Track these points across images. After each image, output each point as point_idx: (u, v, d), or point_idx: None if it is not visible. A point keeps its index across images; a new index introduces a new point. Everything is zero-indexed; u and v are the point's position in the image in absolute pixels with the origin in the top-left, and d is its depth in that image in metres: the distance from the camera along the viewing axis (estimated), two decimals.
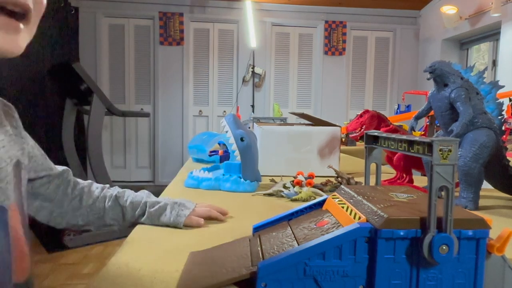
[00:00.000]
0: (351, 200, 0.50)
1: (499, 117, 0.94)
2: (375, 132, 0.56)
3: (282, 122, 2.62)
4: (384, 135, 0.53)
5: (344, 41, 5.10)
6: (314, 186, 1.03)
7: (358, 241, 0.41)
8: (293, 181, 1.03)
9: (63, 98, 3.70)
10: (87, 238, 2.96)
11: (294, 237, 0.49)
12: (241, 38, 4.96)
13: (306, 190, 0.98)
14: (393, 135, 0.50)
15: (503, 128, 0.94)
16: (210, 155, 1.64)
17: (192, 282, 0.47)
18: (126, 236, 0.68)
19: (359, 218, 0.44)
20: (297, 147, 1.36)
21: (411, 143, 0.45)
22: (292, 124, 1.71)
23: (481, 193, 0.91)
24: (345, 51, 5.12)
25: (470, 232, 0.41)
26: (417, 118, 1.02)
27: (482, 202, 0.92)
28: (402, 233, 0.40)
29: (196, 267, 0.52)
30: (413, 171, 1.18)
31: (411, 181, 1.17)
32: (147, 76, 4.93)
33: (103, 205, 0.77)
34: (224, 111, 5.04)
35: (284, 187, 1.04)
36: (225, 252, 0.55)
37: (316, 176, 1.13)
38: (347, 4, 4.97)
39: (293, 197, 0.97)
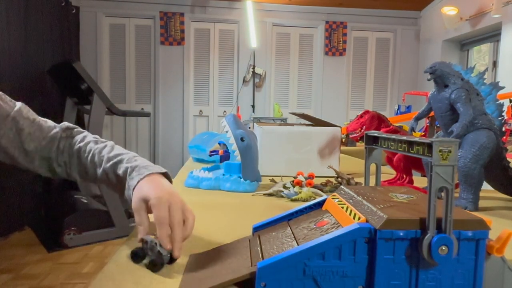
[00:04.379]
0: (351, 201, 0.50)
1: (499, 118, 0.94)
2: (375, 133, 0.56)
3: (282, 122, 2.62)
4: (384, 135, 0.53)
5: (344, 42, 5.10)
6: (314, 186, 1.03)
7: (357, 242, 0.41)
8: (293, 181, 1.04)
9: (63, 97, 3.70)
10: (87, 238, 2.96)
11: (294, 237, 0.49)
12: (242, 38, 4.96)
13: (306, 190, 0.98)
14: (393, 136, 0.50)
15: (503, 129, 0.94)
16: (210, 155, 1.64)
17: (194, 284, 0.47)
18: (126, 236, 0.68)
19: (359, 218, 0.44)
20: (297, 147, 1.36)
21: (411, 143, 0.45)
22: (292, 124, 1.71)
23: (481, 194, 0.91)
24: (346, 52, 5.12)
25: (469, 233, 0.41)
26: (417, 119, 1.02)
27: (482, 203, 0.92)
28: (401, 234, 0.40)
29: (197, 268, 0.52)
30: (413, 171, 1.18)
31: (411, 181, 1.17)
32: (147, 76, 4.93)
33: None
34: (225, 111, 5.04)
35: (284, 187, 1.04)
36: (225, 253, 0.55)
37: (316, 176, 1.13)
38: (348, 5, 4.97)
39: (293, 197, 0.97)
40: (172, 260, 0.53)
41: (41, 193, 3.53)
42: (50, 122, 0.80)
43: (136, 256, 0.53)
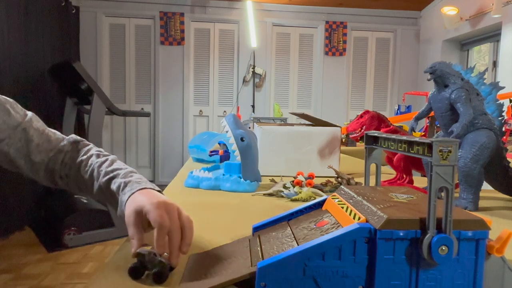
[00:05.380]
0: (351, 201, 0.50)
1: (499, 118, 0.94)
2: (375, 133, 0.56)
3: (282, 122, 2.62)
4: (384, 135, 0.53)
5: (344, 42, 5.10)
6: (314, 186, 1.03)
7: (357, 242, 0.41)
8: (293, 181, 1.03)
9: (63, 97, 3.70)
10: (87, 238, 2.96)
11: (294, 237, 0.49)
12: (242, 38, 4.96)
13: (306, 190, 0.98)
14: (393, 136, 0.50)
15: (503, 129, 0.94)
16: (210, 155, 1.64)
17: (194, 284, 0.47)
18: (126, 236, 0.68)
19: (359, 218, 0.44)
20: (297, 147, 1.36)
21: (411, 143, 0.45)
22: (292, 124, 1.70)
23: (481, 194, 0.91)
24: (346, 52, 5.12)
25: (469, 233, 0.41)
26: (418, 119, 1.02)
27: (482, 203, 0.92)
28: (401, 234, 0.40)
29: (197, 268, 0.52)
30: (413, 171, 1.18)
31: (411, 181, 1.17)
32: (147, 76, 4.93)
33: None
34: (225, 111, 5.04)
35: (284, 187, 1.04)
36: (225, 253, 0.55)
37: (316, 177, 1.13)
38: (348, 5, 4.97)
39: (293, 197, 0.97)
40: (171, 268, 0.51)
41: (41, 193, 3.54)
42: (58, 134, 0.80)
43: (136, 272, 0.50)
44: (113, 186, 0.66)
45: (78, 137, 0.80)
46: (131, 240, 0.54)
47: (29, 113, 0.78)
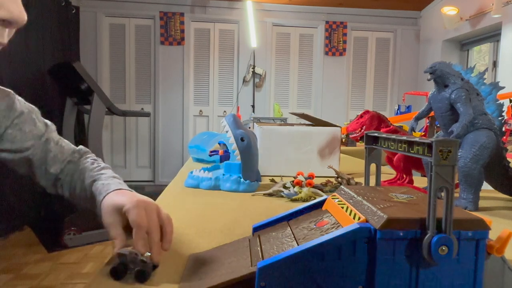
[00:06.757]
0: (351, 201, 0.50)
1: (499, 118, 0.94)
2: (375, 133, 0.56)
3: (282, 122, 2.62)
4: (384, 135, 0.53)
5: (344, 42, 5.10)
6: (314, 186, 1.03)
7: (357, 242, 0.41)
8: (293, 181, 1.03)
9: (63, 97, 3.70)
10: (87, 238, 2.96)
11: (294, 237, 0.49)
12: (242, 38, 4.96)
13: (306, 190, 0.98)
14: (393, 136, 0.50)
15: (503, 129, 0.94)
16: (210, 155, 1.64)
17: (194, 284, 0.47)
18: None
19: (359, 218, 0.44)
20: (297, 147, 1.36)
21: (411, 143, 0.45)
22: (292, 124, 1.70)
23: (481, 194, 0.91)
24: (346, 52, 5.12)
25: (469, 233, 0.41)
26: (418, 119, 1.02)
27: (482, 203, 0.92)
28: (401, 234, 0.40)
29: (197, 268, 0.52)
30: (413, 171, 1.18)
31: (411, 181, 1.17)
32: (147, 76, 4.93)
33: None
34: (225, 111, 5.04)
35: (284, 187, 1.04)
36: (225, 253, 0.55)
37: (316, 176, 1.13)
38: (348, 5, 4.97)
39: (293, 197, 0.97)
40: (154, 267, 0.50)
41: (41, 193, 3.53)
42: (70, 145, 0.82)
43: (117, 272, 0.48)
44: (93, 188, 0.67)
45: (86, 149, 0.82)
46: (113, 240, 0.54)
47: (49, 123, 0.79)
